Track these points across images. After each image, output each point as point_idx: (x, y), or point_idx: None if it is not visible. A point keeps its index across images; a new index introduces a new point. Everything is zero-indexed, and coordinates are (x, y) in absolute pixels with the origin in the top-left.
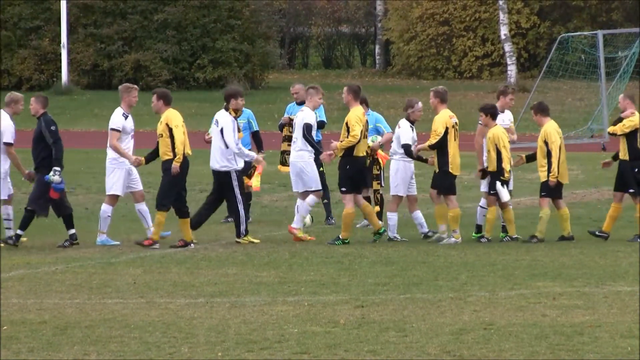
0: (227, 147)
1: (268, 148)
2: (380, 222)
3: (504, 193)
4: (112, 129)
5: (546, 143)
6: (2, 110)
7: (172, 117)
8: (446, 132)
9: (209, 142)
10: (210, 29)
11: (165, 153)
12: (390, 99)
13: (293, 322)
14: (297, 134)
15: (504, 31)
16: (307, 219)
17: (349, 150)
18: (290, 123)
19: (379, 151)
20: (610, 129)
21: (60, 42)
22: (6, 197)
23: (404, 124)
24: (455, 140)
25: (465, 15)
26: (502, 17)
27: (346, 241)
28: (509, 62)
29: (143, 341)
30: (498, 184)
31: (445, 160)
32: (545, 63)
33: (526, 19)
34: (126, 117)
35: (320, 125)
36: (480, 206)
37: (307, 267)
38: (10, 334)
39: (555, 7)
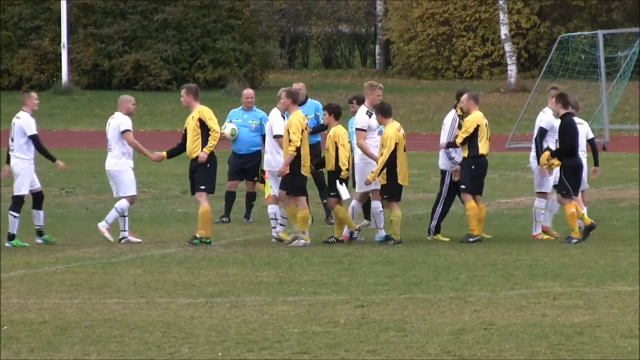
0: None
1: None
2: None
3: (343, 191)
4: (358, 129)
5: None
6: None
7: None
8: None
9: (222, 139)
10: (210, 29)
11: None
12: (390, 99)
13: (293, 322)
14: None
15: (504, 31)
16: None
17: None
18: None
19: None
20: (457, 141)
21: (60, 42)
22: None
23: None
24: (307, 141)
25: (465, 15)
26: (502, 17)
27: (207, 240)
28: (509, 62)
29: (143, 341)
30: (337, 182)
31: (297, 161)
32: (546, 63)
33: (526, 19)
34: (370, 115)
35: (322, 128)
36: None
37: (307, 267)
38: (10, 334)
39: (555, 7)
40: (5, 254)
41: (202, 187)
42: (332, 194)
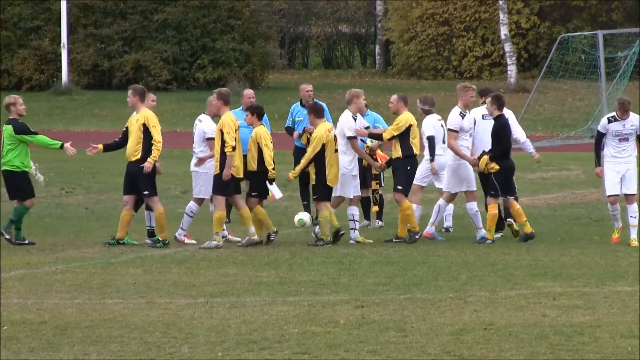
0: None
1: None
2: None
3: (275, 191)
4: (450, 130)
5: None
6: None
7: None
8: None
9: None
10: (210, 29)
11: None
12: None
13: (293, 322)
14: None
15: (504, 31)
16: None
17: (146, 155)
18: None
19: (378, 151)
20: (384, 136)
21: (60, 42)
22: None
23: None
24: (239, 141)
25: (465, 15)
26: (502, 17)
27: (166, 242)
28: (509, 62)
29: (143, 341)
30: (267, 183)
31: (222, 160)
32: (545, 63)
33: (526, 19)
34: (463, 117)
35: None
36: None
37: (307, 267)
38: (10, 334)
39: (555, 7)
40: (5, 254)
41: (146, 193)
42: (253, 194)
